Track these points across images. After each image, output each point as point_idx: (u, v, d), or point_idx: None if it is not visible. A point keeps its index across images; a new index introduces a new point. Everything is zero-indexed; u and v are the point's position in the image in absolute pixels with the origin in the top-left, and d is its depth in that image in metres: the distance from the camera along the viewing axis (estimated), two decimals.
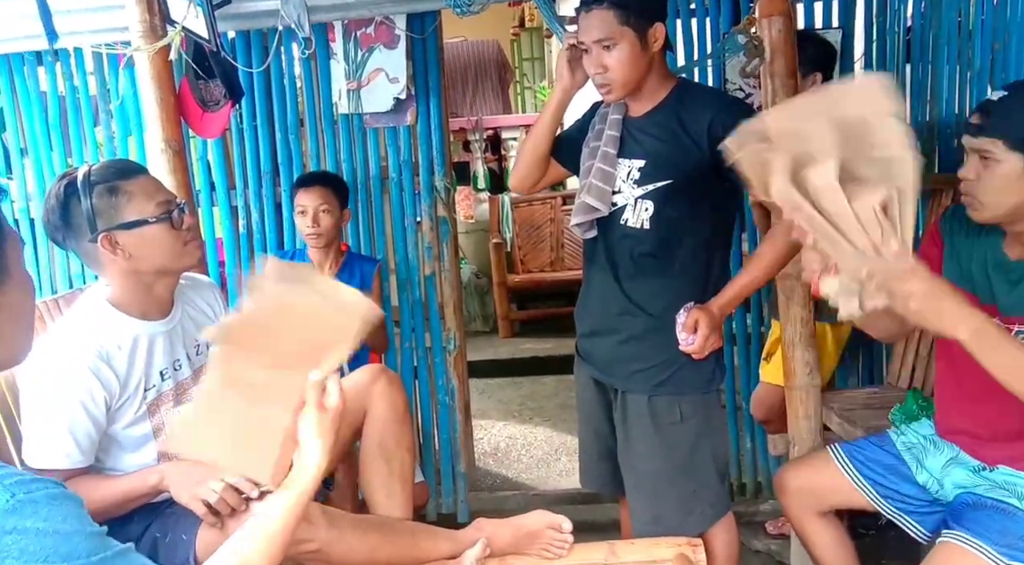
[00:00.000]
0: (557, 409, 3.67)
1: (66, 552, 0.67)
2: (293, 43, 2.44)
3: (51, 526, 0.66)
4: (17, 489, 0.66)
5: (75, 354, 1.37)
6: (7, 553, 0.64)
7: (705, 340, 1.54)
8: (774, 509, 2.45)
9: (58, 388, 1.36)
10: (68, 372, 1.36)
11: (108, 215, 1.38)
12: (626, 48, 1.48)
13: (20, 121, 2.55)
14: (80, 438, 1.38)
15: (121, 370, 1.42)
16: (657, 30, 1.49)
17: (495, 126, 5.90)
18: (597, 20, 1.47)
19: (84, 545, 0.69)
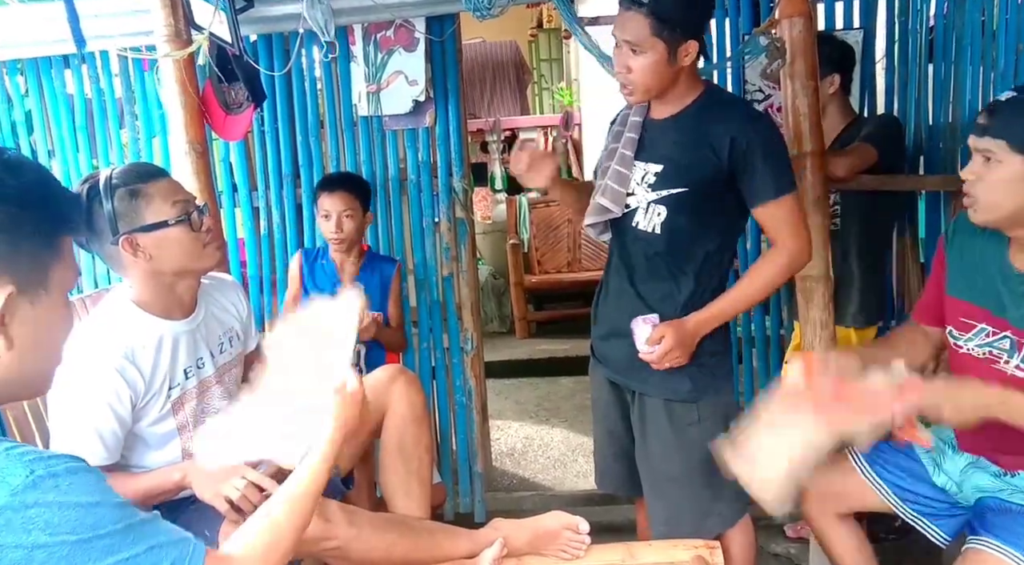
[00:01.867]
0: (574, 410, 3.67)
1: (92, 522, 0.69)
2: (314, 46, 2.46)
3: (73, 498, 0.68)
4: (36, 465, 0.68)
5: (101, 353, 1.40)
6: (32, 526, 0.65)
7: (665, 354, 1.54)
8: (792, 512, 2.43)
9: (84, 387, 1.38)
10: (94, 371, 1.39)
11: (129, 218, 1.40)
12: (653, 57, 1.47)
13: (48, 124, 2.60)
14: (106, 436, 1.40)
15: (146, 369, 1.44)
16: (689, 47, 1.48)
17: (513, 127, 5.91)
18: (632, 23, 1.47)
19: (110, 514, 0.71)
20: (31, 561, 0.65)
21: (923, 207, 2.41)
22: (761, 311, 2.53)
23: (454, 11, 2.36)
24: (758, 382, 2.56)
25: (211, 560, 0.81)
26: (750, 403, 2.53)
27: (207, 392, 1.57)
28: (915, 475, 1.53)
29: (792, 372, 1.32)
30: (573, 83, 7.01)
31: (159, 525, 0.79)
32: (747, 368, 2.56)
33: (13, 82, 2.57)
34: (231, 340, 1.65)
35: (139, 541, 0.73)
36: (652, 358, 1.56)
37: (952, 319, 1.43)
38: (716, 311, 1.56)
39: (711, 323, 1.57)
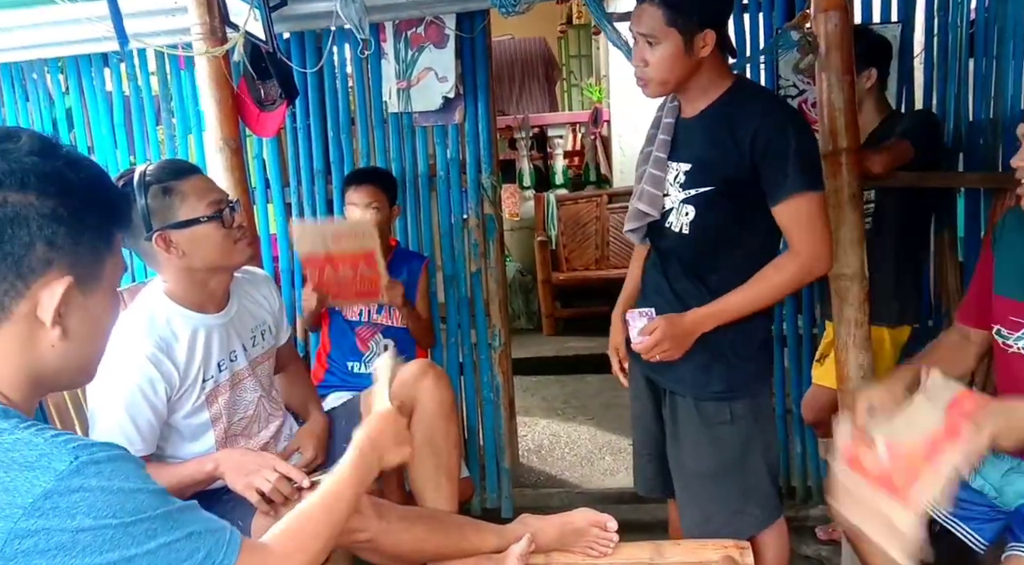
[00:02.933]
0: (601, 408, 3.66)
1: (133, 507, 0.71)
2: (345, 43, 2.48)
3: (114, 484, 0.70)
4: (80, 451, 0.70)
5: (137, 346, 1.43)
6: (76, 510, 0.67)
7: (654, 345, 1.52)
8: (824, 514, 2.40)
9: (121, 379, 1.41)
10: (130, 363, 1.42)
11: (162, 214, 1.43)
12: (668, 48, 1.45)
13: (87, 120, 2.66)
14: (142, 427, 1.43)
15: (181, 361, 1.47)
16: (706, 36, 1.45)
17: (541, 124, 5.90)
18: (646, 15, 1.46)
19: (150, 500, 0.73)
20: (76, 544, 0.67)
21: (962, 205, 2.36)
22: (793, 309, 2.49)
23: (483, 7, 2.36)
24: (790, 382, 2.53)
25: (247, 548, 0.82)
26: (781, 403, 2.51)
27: (240, 385, 1.60)
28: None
29: (839, 466, 1.33)
30: (602, 79, 6.97)
31: (197, 513, 0.80)
32: (778, 367, 2.53)
33: (55, 80, 2.63)
34: (263, 333, 1.67)
35: (178, 527, 0.75)
36: (642, 349, 1.54)
37: (1001, 318, 1.40)
38: (715, 310, 1.52)
39: (709, 321, 1.52)
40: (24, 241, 0.72)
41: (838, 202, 1.70)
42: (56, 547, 0.66)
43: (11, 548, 0.64)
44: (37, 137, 0.75)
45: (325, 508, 0.99)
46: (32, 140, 0.74)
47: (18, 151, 0.72)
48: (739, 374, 1.58)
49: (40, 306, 0.74)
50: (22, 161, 0.72)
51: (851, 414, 1.42)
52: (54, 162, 0.74)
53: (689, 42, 1.45)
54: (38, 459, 0.68)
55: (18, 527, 0.65)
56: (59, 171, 0.74)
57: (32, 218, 0.72)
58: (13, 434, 0.69)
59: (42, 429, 0.71)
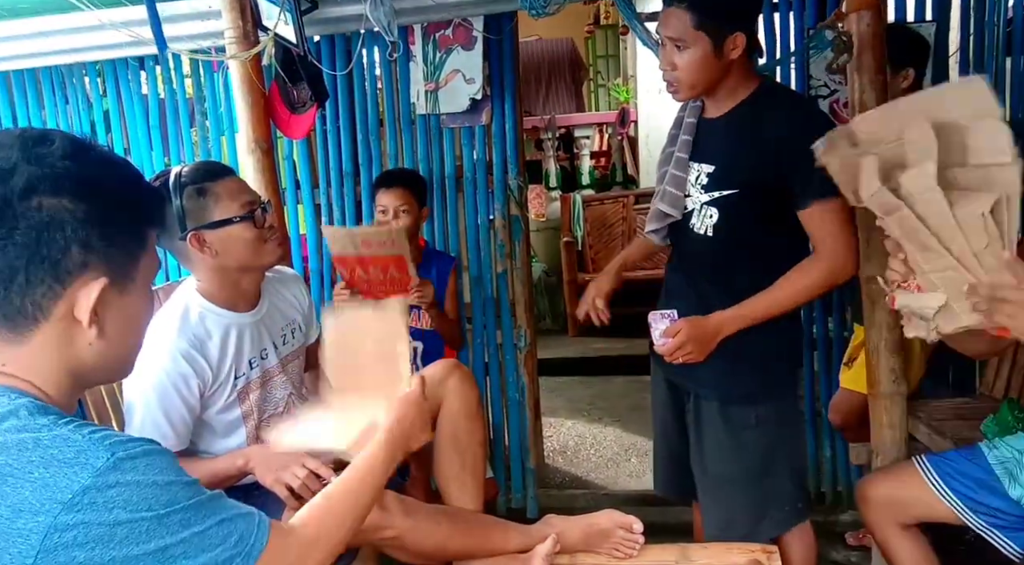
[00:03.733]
0: (627, 410, 3.64)
1: (166, 500, 0.73)
2: (375, 46, 2.51)
3: (149, 478, 0.72)
4: (116, 447, 0.72)
5: (171, 343, 1.46)
6: (113, 504, 0.69)
7: (677, 348, 1.51)
8: (854, 519, 2.36)
9: (155, 375, 1.45)
10: (165, 360, 1.45)
11: (196, 215, 1.46)
12: (698, 52, 1.43)
13: (124, 123, 2.72)
14: (175, 422, 1.47)
15: (213, 359, 1.50)
16: (736, 39, 1.43)
17: (568, 125, 5.90)
18: (674, 18, 1.44)
19: (182, 492, 0.75)
20: (113, 537, 0.69)
21: None
22: (823, 312, 2.46)
23: (511, 9, 2.37)
24: (819, 385, 2.49)
25: (275, 532, 0.84)
26: (810, 406, 2.48)
27: (271, 382, 1.63)
28: (986, 486, 1.47)
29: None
30: (630, 80, 6.95)
31: (226, 501, 0.82)
32: (807, 371, 2.50)
33: (93, 83, 2.70)
34: (293, 332, 1.70)
35: (210, 515, 0.77)
36: (664, 351, 1.53)
37: None
38: (739, 313, 1.50)
39: (734, 324, 1.50)
40: (60, 244, 0.74)
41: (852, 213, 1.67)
42: (94, 540, 0.68)
43: (51, 541, 0.66)
44: (70, 140, 0.76)
45: (351, 493, 1.00)
46: (65, 143, 0.75)
47: (51, 155, 0.74)
48: (765, 378, 1.57)
49: (77, 306, 0.76)
50: (55, 165, 0.73)
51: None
52: (87, 165, 0.76)
53: (719, 45, 1.43)
54: (77, 456, 0.70)
55: (58, 521, 0.67)
56: (92, 174, 0.76)
57: (67, 222, 0.74)
58: (52, 430, 0.71)
59: (80, 426, 0.73)
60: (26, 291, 0.74)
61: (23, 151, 0.73)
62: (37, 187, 0.72)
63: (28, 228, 0.72)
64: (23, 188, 0.71)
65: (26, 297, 0.74)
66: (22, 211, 0.71)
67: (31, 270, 0.73)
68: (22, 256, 0.72)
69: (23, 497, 0.67)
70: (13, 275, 0.73)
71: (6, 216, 0.71)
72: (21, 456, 0.69)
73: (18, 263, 0.72)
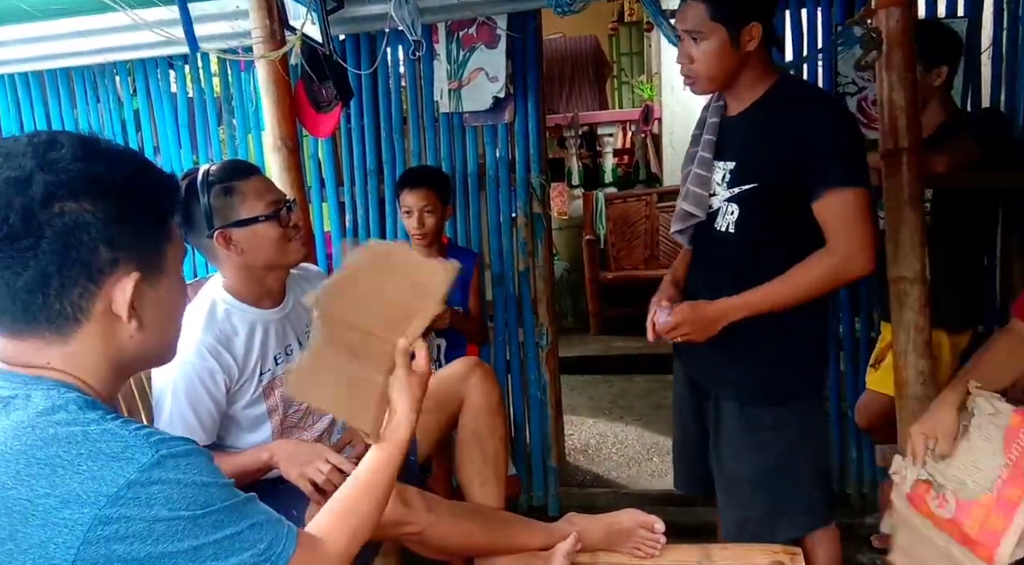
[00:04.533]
0: (649, 409, 3.63)
1: (204, 500, 0.75)
2: (399, 45, 2.52)
3: (189, 478, 0.74)
4: (161, 445, 0.74)
5: (198, 339, 1.49)
6: (154, 500, 0.71)
7: (673, 328, 1.49)
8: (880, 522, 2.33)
9: (183, 371, 1.47)
10: (191, 355, 1.47)
11: (223, 213, 1.48)
12: (714, 43, 1.44)
13: (153, 121, 2.77)
14: (203, 417, 1.49)
15: (239, 354, 1.52)
16: (752, 29, 1.43)
17: (591, 122, 5.88)
18: (690, 10, 1.45)
19: (219, 493, 0.77)
20: (152, 533, 0.71)
21: None
22: (849, 311, 2.43)
23: (536, 7, 2.37)
24: (845, 386, 2.46)
25: (303, 541, 0.86)
26: (836, 407, 2.45)
27: None
28: None
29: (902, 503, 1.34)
30: (654, 77, 6.90)
31: (258, 505, 0.84)
32: (833, 371, 2.47)
33: (124, 83, 2.75)
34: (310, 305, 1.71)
35: (243, 518, 0.79)
36: (659, 327, 1.52)
37: None
38: (740, 302, 1.47)
39: (733, 312, 1.47)
40: (87, 246, 0.75)
41: (898, 202, 1.65)
42: (133, 534, 0.70)
43: (95, 533, 0.68)
44: (76, 140, 0.77)
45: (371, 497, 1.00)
46: (73, 145, 0.76)
47: (63, 159, 0.75)
48: (785, 378, 1.55)
49: (114, 303, 0.79)
50: (69, 169, 0.75)
51: (910, 452, 1.41)
52: (99, 165, 0.77)
53: (735, 36, 1.43)
54: (123, 451, 0.72)
55: (102, 513, 0.69)
56: (105, 173, 0.77)
57: (90, 223, 0.75)
58: (100, 425, 0.74)
59: (126, 422, 0.76)
60: (63, 294, 0.76)
61: (36, 158, 0.74)
62: (56, 193, 0.73)
63: (54, 235, 0.74)
64: (43, 196, 0.73)
65: (64, 299, 0.76)
66: (45, 219, 0.73)
67: (64, 274, 0.75)
68: (53, 262, 0.74)
69: (71, 488, 0.69)
70: (48, 281, 0.75)
71: (31, 225, 0.73)
72: (71, 449, 0.71)
73: (50, 269, 0.74)
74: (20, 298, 0.75)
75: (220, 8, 2.40)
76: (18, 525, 0.68)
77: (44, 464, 0.70)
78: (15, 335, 0.78)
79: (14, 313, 0.76)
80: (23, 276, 0.74)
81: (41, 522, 0.68)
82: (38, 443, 0.71)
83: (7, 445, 0.71)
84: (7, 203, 0.72)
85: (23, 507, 0.68)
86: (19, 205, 0.72)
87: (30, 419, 0.73)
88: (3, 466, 0.70)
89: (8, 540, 0.68)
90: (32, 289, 0.74)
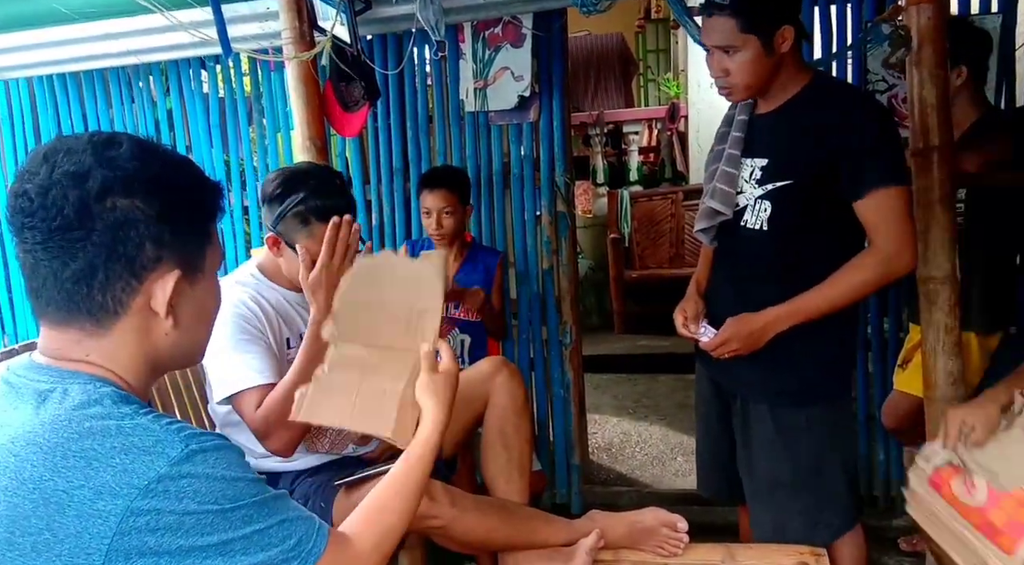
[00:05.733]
0: (674, 408, 3.62)
1: (233, 495, 0.76)
2: (425, 45, 2.55)
3: (218, 472, 0.76)
4: (191, 440, 0.76)
5: (236, 295, 1.51)
6: (184, 494, 0.73)
7: (721, 344, 1.50)
8: (908, 524, 2.30)
9: (230, 324, 1.47)
10: (235, 309, 1.49)
11: (290, 231, 1.51)
12: (748, 54, 1.43)
13: (185, 121, 2.82)
14: (261, 355, 1.47)
15: (265, 322, 1.54)
16: (784, 32, 1.43)
17: (617, 120, 5.85)
18: (719, 26, 1.44)
19: (248, 489, 0.79)
20: (181, 526, 0.73)
21: None
22: (878, 312, 2.40)
23: (561, 6, 2.37)
24: (873, 386, 2.44)
25: (333, 540, 0.86)
26: (863, 408, 2.43)
27: None
28: None
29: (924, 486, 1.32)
30: (680, 74, 6.85)
31: (288, 502, 0.85)
32: (860, 372, 2.44)
33: (158, 83, 2.81)
34: None
35: (272, 514, 0.80)
36: (709, 346, 1.53)
37: None
38: (790, 310, 1.47)
39: (783, 322, 1.47)
40: (134, 242, 0.78)
41: (928, 202, 1.63)
42: (164, 527, 0.72)
43: (127, 524, 0.71)
44: (136, 141, 0.81)
45: (401, 498, 1.01)
46: (132, 145, 0.80)
47: (121, 157, 0.78)
48: (816, 378, 1.54)
49: (154, 299, 0.81)
50: (126, 167, 0.78)
51: (943, 433, 1.38)
52: (154, 165, 0.80)
53: (768, 42, 1.43)
54: (154, 445, 0.74)
55: (134, 505, 0.71)
56: (159, 174, 0.80)
57: (139, 220, 0.78)
58: (134, 419, 0.76)
59: (158, 416, 0.78)
60: (106, 287, 0.78)
61: (95, 155, 0.77)
62: (111, 189, 0.76)
63: (105, 228, 0.76)
64: (99, 190, 0.76)
65: (106, 293, 0.79)
66: (98, 212, 0.76)
67: (110, 267, 0.78)
68: (100, 255, 0.77)
69: (104, 480, 0.71)
70: (94, 273, 0.77)
71: (84, 218, 0.76)
72: (105, 442, 0.73)
73: (97, 261, 0.77)
74: (65, 288, 0.77)
75: (251, 9, 2.44)
76: (55, 515, 0.70)
77: (80, 456, 0.72)
78: (56, 325, 0.80)
79: (58, 302, 0.78)
80: (71, 267, 0.77)
81: (76, 513, 0.70)
82: (74, 436, 0.73)
83: (45, 437, 0.73)
84: (63, 195, 0.75)
85: (59, 498, 0.70)
86: (75, 198, 0.75)
87: (67, 412, 0.75)
88: (41, 458, 0.72)
89: (45, 530, 0.70)
90: (78, 279, 0.77)
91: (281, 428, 1.37)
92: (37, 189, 0.75)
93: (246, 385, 1.42)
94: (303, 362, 1.40)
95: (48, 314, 0.80)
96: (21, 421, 0.76)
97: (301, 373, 1.37)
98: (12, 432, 0.75)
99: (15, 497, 0.71)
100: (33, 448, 0.73)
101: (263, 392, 1.41)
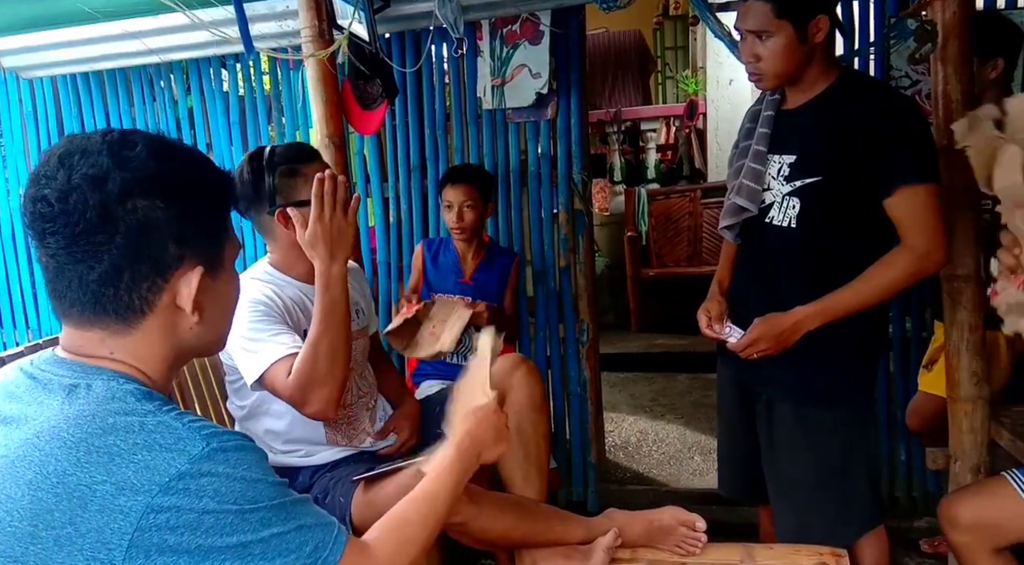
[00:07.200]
0: (691, 407, 3.60)
1: (252, 496, 0.76)
2: (443, 42, 2.55)
3: (238, 472, 0.76)
4: (212, 439, 0.76)
5: (253, 288, 1.53)
6: (203, 492, 0.73)
7: (750, 345, 1.48)
8: (930, 526, 2.28)
9: (253, 311, 1.48)
10: (256, 297, 1.51)
11: (286, 193, 1.53)
12: (781, 40, 1.42)
13: (206, 119, 2.85)
14: (288, 331, 1.48)
15: (283, 311, 1.54)
16: (819, 22, 1.42)
17: (634, 117, 5.83)
18: (754, 10, 1.43)
19: (268, 491, 0.79)
20: (201, 524, 0.73)
21: None
22: (901, 311, 2.37)
23: (579, 3, 2.36)
24: (895, 388, 2.41)
25: (351, 548, 0.86)
26: (885, 410, 2.40)
27: None
28: None
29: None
30: (699, 71, 6.80)
31: (309, 507, 0.85)
32: (883, 372, 2.41)
33: (179, 82, 2.84)
34: (357, 313, 1.74)
35: (290, 519, 0.80)
36: (738, 347, 1.52)
37: None
38: (820, 309, 1.45)
39: (812, 321, 1.45)
40: (158, 242, 0.79)
41: (953, 199, 1.61)
42: (183, 525, 0.72)
43: (147, 521, 0.71)
44: (151, 140, 0.81)
45: (423, 511, 1.01)
46: (148, 144, 0.80)
47: (138, 157, 0.78)
48: (842, 378, 1.53)
49: (179, 296, 0.82)
50: (144, 168, 0.78)
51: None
52: (172, 164, 0.80)
53: (803, 30, 1.42)
54: (176, 442, 0.74)
55: (154, 502, 0.71)
56: (177, 172, 0.81)
57: (161, 220, 0.78)
58: (156, 416, 0.76)
59: (181, 414, 0.78)
60: (132, 288, 0.79)
61: (111, 156, 0.77)
62: (132, 191, 0.77)
63: (128, 230, 0.77)
64: (119, 193, 0.76)
65: (133, 292, 0.79)
66: (121, 215, 0.76)
67: (135, 268, 0.78)
68: (125, 256, 0.77)
69: (126, 476, 0.72)
70: (120, 274, 0.78)
71: (107, 221, 0.76)
72: (127, 438, 0.74)
73: (122, 263, 0.78)
74: (92, 290, 0.78)
75: (270, 8, 2.45)
76: (77, 510, 0.71)
77: (102, 452, 0.72)
78: (81, 325, 0.81)
79: (83, 304, 0.79)
80: (96, 270, 0.77)
81: (98, 508, 0.71)
82: (97, 431, 0.74)
83: (69, 432, 0.74)
84: (85, 199, 0.75)
85: (82, 493, 0.71)
86: (96, 202, 0.75)
87: (91, 408, 0.75)
88: (65, 452, 0.73)
89: (68, 524, 0.70)
90: (104, 282, 0.78)
91: (316, 386, 1.37)
92: (56, 194, 0.76)
93: (275, 357, 1.42)
94: (321, 313, 1.40)
95: (72, 315, 0.81)
96: (47, 415, 0.76)
97: (319, 325, 1.39)
98: (37, 427, 0.76)
99: (39, 491, 0.72)
100: (57, 442, 0.73)
101: (291, 361, 1.41)
